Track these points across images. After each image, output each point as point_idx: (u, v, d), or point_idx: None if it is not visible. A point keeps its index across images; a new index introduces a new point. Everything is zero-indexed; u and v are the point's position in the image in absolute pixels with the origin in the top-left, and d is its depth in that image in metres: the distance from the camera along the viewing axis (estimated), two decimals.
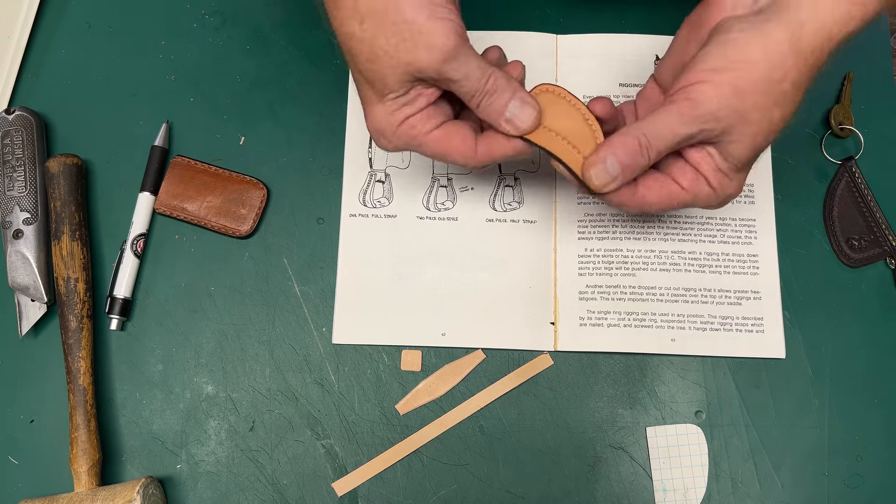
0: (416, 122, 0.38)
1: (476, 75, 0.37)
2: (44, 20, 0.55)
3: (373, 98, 0.38)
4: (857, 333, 0.49)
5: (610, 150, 0.37)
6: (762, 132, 0.35)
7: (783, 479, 0.47)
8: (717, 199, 0.39)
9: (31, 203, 0.50)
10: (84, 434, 0.46)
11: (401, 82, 0.36)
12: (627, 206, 0.39)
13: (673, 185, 0.39)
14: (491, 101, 0.38)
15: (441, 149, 0.39)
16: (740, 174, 0.38)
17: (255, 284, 0.50)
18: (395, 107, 0.38)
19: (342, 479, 0.47)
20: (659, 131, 0.36)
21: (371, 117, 0.39)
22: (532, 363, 0.49)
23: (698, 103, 0.35)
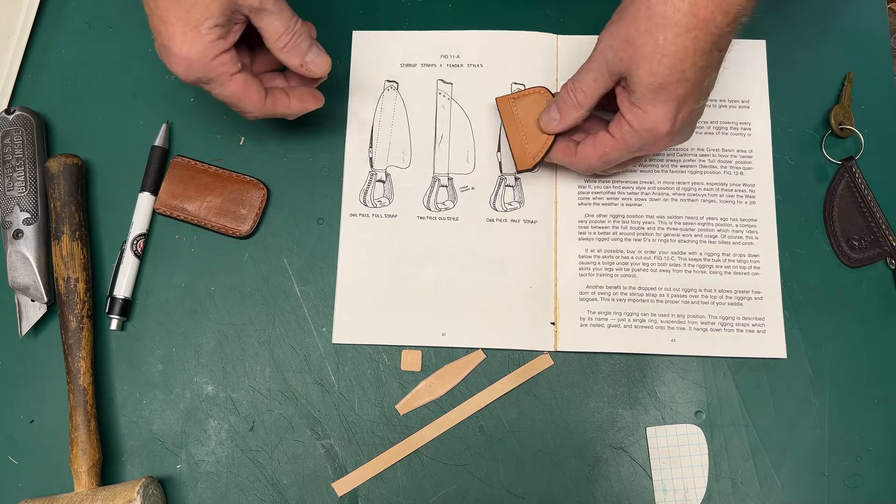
0: (227, 59, 0.40)
1: (288, 13, 0.40)
2: (44, 20, 0.55)
3: (188, 22, 0.38)
4: (857, 333, 0.49)
5: (552, 101, 0.46)
6: (651, 54, 0.39)
7: (783, 479, 0.47)
8: (639, 137, 0.42)
9: (31, 203, 0.50)
10: (84, 434, 0.46)
11: (221, 7, 0.38)
12: (576, 165, 0.46)
13: (605, 136, 0.44)
14: (297, 42, 0.41)
15: (239, 92, 0.41)
16: (654, 107, 0.41)
17: (255, 284, 0.50)
18: (212, 36, 0.39)
19: (342, 480, 0.47)
20: (578, 74, 0.44)
21: (180, 42, 0.39)
22: (532, 363, 0.49)
23: (598, 41, 0.42)
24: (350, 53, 0.54)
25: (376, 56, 0.54)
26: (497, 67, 0.53)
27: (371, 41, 0.54)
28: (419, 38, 0.54)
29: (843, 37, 0.53)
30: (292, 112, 0.45)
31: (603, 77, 0.42)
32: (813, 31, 0.54)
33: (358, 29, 0.54)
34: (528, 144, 0.47)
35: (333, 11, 0.54)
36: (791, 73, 0.53)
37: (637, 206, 0.51)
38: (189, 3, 0.38)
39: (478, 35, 0.53)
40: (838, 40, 0.53)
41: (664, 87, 0.40)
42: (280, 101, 0.44)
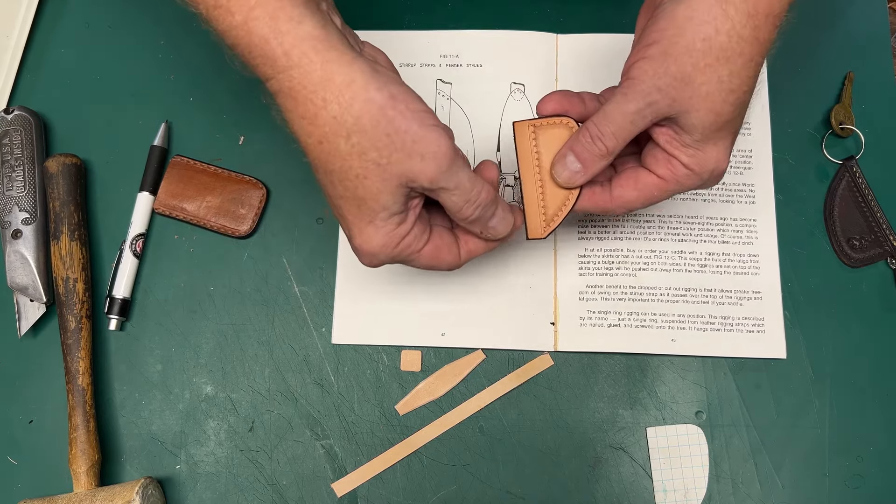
0: (410, 241, 0.37)
1: (467, 186, 0.35)
2: (43, 19, 0.54)
3: (361, 218, 0.35)
4: (857, 333, 0.49)
5: (567, 146, 0.38)
6: (716, 93, 0.34)
7: (784, 480, 0.47)
8: (699, 178, 0.37)
9: (29, 203, 0.50)
10: (83, 434, 0.46)
11: (395, 196, 0.34)
12: (612, 210, 0.39)
13: (648, 176, 0.38)
14: (479, 213, 0.37)
15: (431, 262, 0.38)
16: (716, 145, 0.36)
17: (255, 284, 0.50)
18: (390, 227, 0.36)
19: (342, 480, 0.47)
20: (608, 117, 0.36)
21: (361, 239, 0.36)
22: (532, 363, 0.48)
23: (637, 80, 0.35)
24: None
25: None
26: (497, 67, 0.53)
27: (370, 41, 0.53)
28: (418, 37, 0.54)
29: (843, 36, 0.53)
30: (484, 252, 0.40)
31: (644, 121, 0.36)
32: (813, 30, 0.53)
33: (357, 28, 0.52)
34: (546, 197, 0.39)
35: None
36: (791, 72, 0.53)
37: None
38: (358, 199, 0.34)
39: (477, 35, 0.53)
40: (838, 39, 0.53)
41: (728, 124, 0.35)
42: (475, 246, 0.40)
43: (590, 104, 0.40)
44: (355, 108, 0.32)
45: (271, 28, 0.31)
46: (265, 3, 0.31)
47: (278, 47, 0.32)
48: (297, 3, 0.32)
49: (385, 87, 0.33)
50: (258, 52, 0.32)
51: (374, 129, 0.33)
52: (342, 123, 0.32)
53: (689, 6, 0.33)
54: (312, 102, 0.32)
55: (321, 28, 0.32)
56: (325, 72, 0.32)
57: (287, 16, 0.32)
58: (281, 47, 0.32)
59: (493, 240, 0.39)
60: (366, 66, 0.33)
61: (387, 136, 0.33)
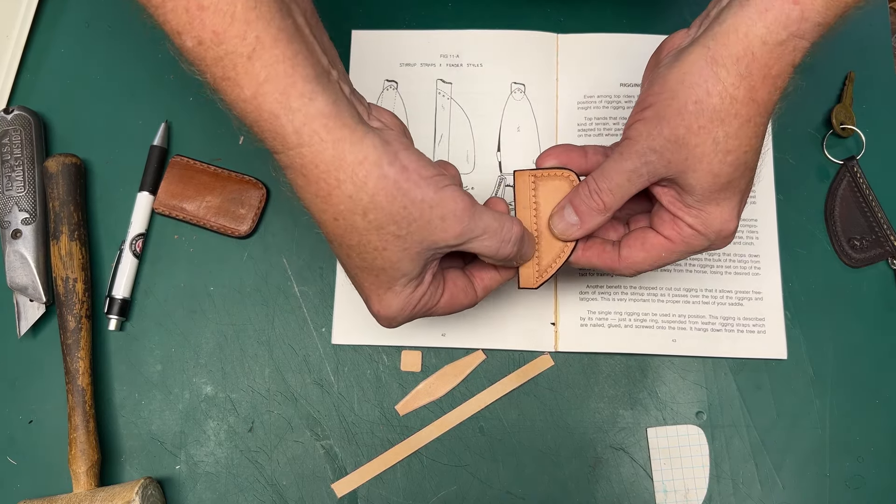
0: (426, 300, 0.37)
1: (495, 226, 0.35)
2: (43, 19, 0.54)
3: (380, 286, 0.35)
4: (858, 334, 0.49)
5: (567, 198, 0.38)
6: (711, 154, 0.34)
7: (784, 480, 0.47)
8: (706, 239, 0.37)
9: (29, 203, 0.49)
10: (83, 434, 0.46)
11: (414, 262, 0.34)
12: (621, 271, 0.39)
13: (656, 237, 0.38)
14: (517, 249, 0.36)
15: (449, 309, 0.38)
16: (719, 206, 0.36)
17: (255, 284, 0.50)
18: (408, 291, 0.35)
19: (342, 480, 0.47)
20: (606, 173, 0.36)
21: (380, 306, 0.36)
22: (532, 364, 0.48)
23: (633, 140, 0.35)
24: (349, 53, 0.53)
25: (375, 56, 0.53)
26: (497, 67, 0.53)
27: (370, 40, 0.54)
28: (418, 37, 0.53)
29: (843, 36, 0.53)
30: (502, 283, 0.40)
31: (641, 180, 0.36)
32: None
33: (357, 28, 0.54)
34: (541, 248, 0.39)
35: (332, 10, 0.54)
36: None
37: None
38: (377, 270, 0.34)
39: (477, 34, 0.53)
40: (839, 39, 0.53)
41: (729, 185, 0.35)
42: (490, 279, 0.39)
43: (592, 158, 0.40)
44: (370, 186, 0.32)
45: (282, 105, 0.30)
46: (275, 79, 0.30)
47: (289, 125, 0.30)
48: (308, 77, 0.31)
49: (396, 161, 0.32)
50: (267, 126, 0.31)
51: (391, 205, 0.32)
52: (358, 202, 0.32)
53: (680, 70, 0.34)
54: (326, 182, 0.32)
55: (332, 104, 0.31)
56: (337, 150, 0.31)
57: (298, 92, 0.30)
58: (291, 125, 0.30)
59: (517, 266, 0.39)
60: (377, 140, 0.32)
61: (404, 208, 0.32)
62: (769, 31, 0.32)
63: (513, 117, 0.52)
